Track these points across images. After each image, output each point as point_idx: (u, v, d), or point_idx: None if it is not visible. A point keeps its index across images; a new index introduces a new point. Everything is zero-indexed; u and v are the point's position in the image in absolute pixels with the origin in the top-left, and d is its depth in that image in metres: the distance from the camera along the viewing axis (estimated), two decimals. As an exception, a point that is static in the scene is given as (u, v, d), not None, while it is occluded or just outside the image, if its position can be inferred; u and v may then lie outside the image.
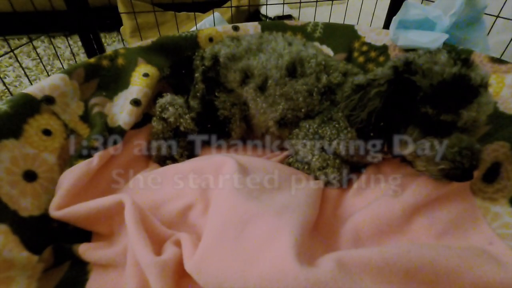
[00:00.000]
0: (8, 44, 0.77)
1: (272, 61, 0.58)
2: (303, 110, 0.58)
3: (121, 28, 1.36)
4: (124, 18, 1.31)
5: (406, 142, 0.45)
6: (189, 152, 0.65)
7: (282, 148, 0.66)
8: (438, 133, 0.43)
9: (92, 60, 0.66)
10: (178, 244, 0.41)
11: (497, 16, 0.73)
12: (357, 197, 0.52)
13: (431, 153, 0.43)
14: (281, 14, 1.12)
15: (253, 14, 1.26)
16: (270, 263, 0.32)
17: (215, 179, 0.50)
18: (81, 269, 0.43)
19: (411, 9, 0.72)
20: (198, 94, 0.62)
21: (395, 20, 0.73)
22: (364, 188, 0.53)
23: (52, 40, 1.43)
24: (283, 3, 1.05)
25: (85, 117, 0.60)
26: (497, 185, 0.49)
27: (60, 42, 1.43)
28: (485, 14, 0.73)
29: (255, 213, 0.39)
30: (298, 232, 0.36)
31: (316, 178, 0.57)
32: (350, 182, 0.57)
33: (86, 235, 0.48)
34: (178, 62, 0.67)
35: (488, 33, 0.75)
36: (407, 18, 0.73)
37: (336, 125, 0.56)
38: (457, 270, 0.36)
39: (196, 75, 0.63)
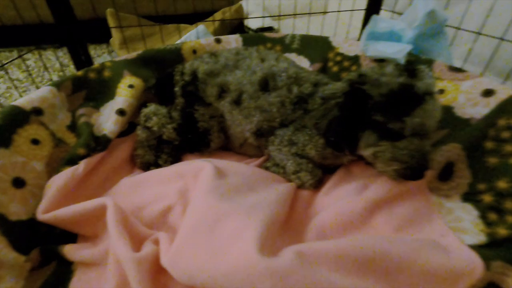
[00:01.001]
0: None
1: (247, 77, 0.62)
2: (277, 120, 0.62)
3: (111, 39, 1.41)
4: (113, 30, 1.35)
5: (365, 146, 0.49)
6: (173, 159, 0.68)
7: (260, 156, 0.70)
8: (392, 137, 0.47)
9: (80, 73, 0.69)
10: (156, 242, 0.45)
11: (458, 28, 0.79)
12: (327, 196, 0.57)
13: (385, 155, 0.48)
14: (263, 26, 1.17)
15: (238, 26, 1.31)
16: (235, 256, 0.36)
17: (194, 182, 0.53)
18: (66, 268, 0.46)
19: (379, 23, 0.78)
20: (178, 107, 0.66)
21: (365, 32, 0.78)
22: (333, 188, 0.58)
23: (43, 52, 1.46)
24: (263, 16, 1.11)
25: (72, 127, 0.64)
26: (451, 183, 0.54)
27: (50, 54, 1.46)
28: (447, 26, 0.79)
29: (226, 212, 0.43)
30: (263, 228, 0.40)
31: (291, 181, 0.61)
32: (323, 183, 0.61)
33: (72, 238, 0.52)
34: (161, 79, 0.71)
35: (451, 44, 0.81)
36: (376, 30, 0.79)
37: (309, 132, 0.60)
38: (407, 259, 0.40)
39: (176, 89, 0.68)
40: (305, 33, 0.90)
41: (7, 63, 1.22)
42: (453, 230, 0.48)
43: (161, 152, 0.67)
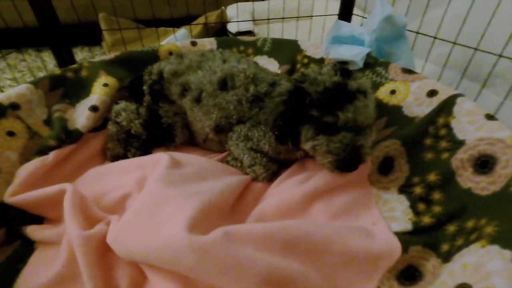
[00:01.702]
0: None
1: (207, 77, 0.67)
2: (234, 117, 0.67)
3: (103, 42, 1.47)
4: (105, 33, 1.42)
5: (305, 140, 0.54)
6: (142, 152, 0.73)
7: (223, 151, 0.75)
8: (328, 131, 0.52)
9: (58, 72, 0.75)
10: (109, 224, 0.49)
11: (417, 33, 0.83)
12: (277, 188, 0.61)
13: (322, 148, 0.52)
14: (241, 30, 1.23)
15: (221, 31, 1.37)
16: (166, 234, 0.41)
17: (152, 172, 0.58)
18: (29, 246, 0.51)
19: (342, 27, 0.82)
20: (145, 104, 0.72)
21: (328, 36, 0.83)
22: (284, 180, 0.62)
23: (36, 53, 1.53)
24: (239, 21, 1.16)
25: (48, 121, 0.69)
26: (391, 176, 0.58)
27: (46, 56, 1.54)
28: (408, 30, 0.83)
29: (169, 197, 0.47)
30: (198, 212, 0.44)
31: (247, 174, 0.65)
32: (278, 176, 0.65)
33: (40, 221, 0.57)
34: (134, 80, 0.77)
35: (412, 48, 0.85)
36: (340, 34, 0.83)
37: (263, 128, 0.65)
38: (329, 241, 0.44)
39: (144, 87, 0.73)
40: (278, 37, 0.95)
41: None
42: (386, 219, 0.52)
43: (130, 146, 0.72)
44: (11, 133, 0.62)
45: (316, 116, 0.51)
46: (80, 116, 0.70)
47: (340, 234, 0.45)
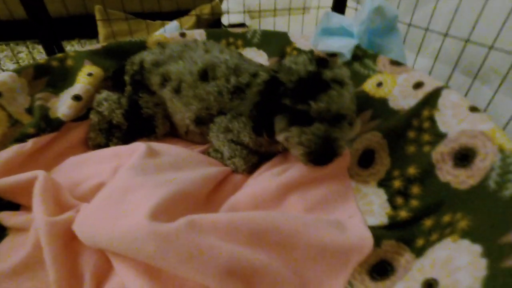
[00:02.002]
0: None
1: (187, 67, 0.66)
2: (215, 108, 0.66)
3: (99, 35, 1.47)
4: (100, 26, 1.42)
5: (278, 131, 0.53)
6: (123, 143, 0.72)
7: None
8: (301, 123, 0.50)
9: (42, 61, 0.75)
10: (79, 212, 0.49)
11: (409, 25, 0.81)
12: (255, 179, 0.60)
13: (294, 140, 0.50)
14: (233, 23, 1.21)
15: (215, 23, 1.36)
16: (128, 221, 0.40)
17: (128, 160, 0.57)
18: (1, 232, 0.50)
19: (332, 19, 0.80)
20: (126, 94, 0.71)
21: (317, 27, 0.81)
22: (262, 173, 0.61)
23: (33, 45, 1.54)
24: (229, 13, 1.14)
25: (31, 110, 0.69)
26: (371, 169, 0.56)
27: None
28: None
29: (137, 185, 0.46)
30: (164, 200, 0.43)
31: (227, 165, 0.64)
32: (259, 169, 0.64)
33: (17, 208, 0.56)
34: (117, 70, 0.76)
35: (404, 41, 0.83)
36: (329, 26, 0.81)
37: (244, 120, 0.63)
38: (298, 233, 0.43)
39: (126, 77, 0.72)
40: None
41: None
42: (363, 212, 0.51)
43: (112, 136, 0.71)
44: (-9, 120, 0.62)
45: (289, 106, 0.49)
46: (63, 105, 0.70)
47: (311, 227, 0.44)
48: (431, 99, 0.57)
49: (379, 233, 0.45)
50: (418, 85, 0.61)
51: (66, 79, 0.76)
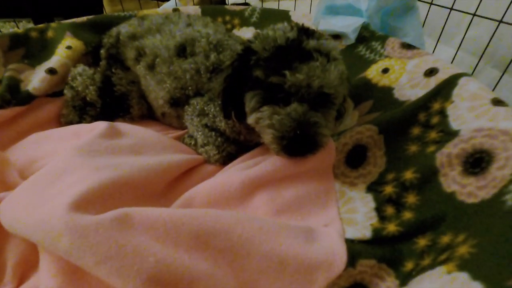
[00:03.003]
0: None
1: (164, 41, 0.59)
2: (190, 88, 0.58)
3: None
4: (106, 5, 1.38)
5: (249, 111, 0.44)
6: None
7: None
8: (276, 101, 0.41)
9: (20, 31, 0.71)
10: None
11: (431, 4, 0.68)
12: (225, 172, 0.52)
13: (265, 122, 0.42)
14: (237, 2, 1.13)
15: (221, 3, 1.27)
16: (47, 210, 0.34)
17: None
18: None
19: (338, -5, 0.70)
20: (99, 69, 0.65)
21: (320, 4, 0.71)
22: (235, 165, 0.53)
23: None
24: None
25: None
26: (361, 170, 0.47)
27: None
28: (420, 1, 0.69)
29: (74, 166, 0.40)
30: (98, 186, 0.37)
31: (200, 154, 0.57)
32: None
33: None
34: (97, 46, 0.70)
35: (423, 23, 0.71)
36: (334, 3, 0.71)
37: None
38: (253, 240, 0.35)
39: (102, 51, 0.66)
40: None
41: None
42: (343, 221, 0.42)
43: (86, 114, 0.66)
44: (-44, 89, 0.58)
45: (261, 79, 0.41)
46: (35, 78, 0.65)
47: (270, 234, 0.36)
48: (445, 88, 0.46)
49: (357, 248, 0.36)
50: (430, 72, 0.50)
51: (44, 51, 0.71)
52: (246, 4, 1.06)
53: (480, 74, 0.87)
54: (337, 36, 0.70)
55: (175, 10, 0.85)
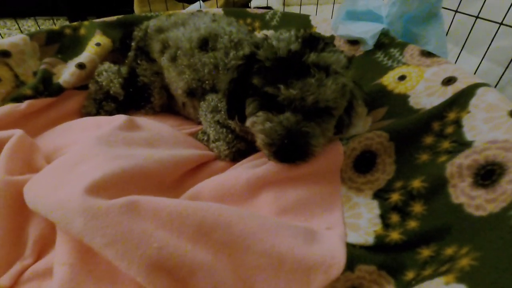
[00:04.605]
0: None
1: (187, 34, 0.62)
2: (207, 82, 0.60)
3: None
4: (136, 6, 1.45)
5: (248, 115, 0.46)
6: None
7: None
8: (272, 109, 0.43)
9: (56, 27, 0.76)
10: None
11: (456, 11, 0.66)
12: (233, 170, 0.53)
13: (258, 127, 0.43)
14: (259, 6, 1.14)
15: (244, 6, 1.29)
16: (66, 192, 0.36)
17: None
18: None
19: (358, 0, 0.69)
20: (127, 61, 0.69)
21: (340, 9, 0.71)
22: (245, 163, 0.54)
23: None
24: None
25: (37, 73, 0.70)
26: (370, 176, 0.46)
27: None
28: (444, 8, 0.67)
29: (93, 155, 0.43)
30: (111, 175, 0.39)
31: (212, 150, 0.59)
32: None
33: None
34: (125, 35, 0.75)
35: (447, 30, 0.69)
36: (355, 9, 0.70)
37: None
38: (253, 236, 0.36)
39: (132, 44, 0.71)
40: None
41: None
42: (347, 226, 0.41)
43: (102, 109, 0.70)
44: (-3, 78, 0.64)
45: (258, 87, 0.42)
46: (66, 71, 0.70)
47: (270, 231, 0.36)
48: (462, 98, 0.45)
49: (357, 253, 0.36)
50: (448, 81, 0.49)
51: (76, 47, 0.77)
52: (268, 8, 1.08)
53: (509, 86, 0.83)
54: (355, 42, 0.70)
55: (198, 11, 0.88)
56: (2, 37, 0.82)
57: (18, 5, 1.23)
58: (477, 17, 0.62)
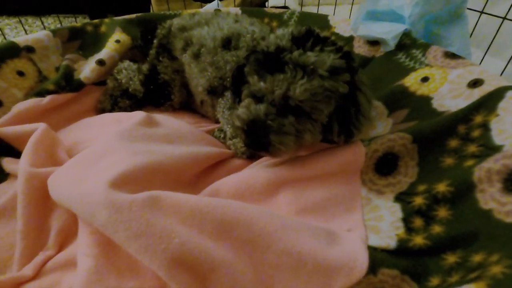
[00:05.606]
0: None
1: (211, 33, 0.63)
2: (228, 79, 0.61)
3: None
4: (154, 4, 1.47)
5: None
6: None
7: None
8: (257, 99, 0.45)
9: (78, 24, 0.78)
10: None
11: (482, 12, 0.64)
12: (251, 168, 0.53)
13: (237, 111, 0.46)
14: (276, 5, 1.14)
15: (260, 5, 1.29)
16: (89, 185, 0.37)
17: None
18: (3, 175, 0.53)
19: (380, 0, 0.68)
20: (148, 58, 0.70)
21: (361, 9, 0.70)
22: (263, 161, 0.54)
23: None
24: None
25: (59, 69, 0.72)
26: (391, 179, 0.46)
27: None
28: (469, 9, 0.65)
29: (116, 149, 0.43)
30: (135, 170, 0.39)
31: (228, 148, 0.59)
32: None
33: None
34: (146, 30, 0.76)
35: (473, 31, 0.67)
36: (376, 9, 0.69)
37: None
38: (275, 235, 0.36)
39: (155, 41, 0.72)
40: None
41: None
42: (367, 228, 0.41)
43: (116, 105, 0.71)
44: (21, 73, 0.66)
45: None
46: (87, 68, 0.72)
47: (291, 231, 0.36)
48: (490, 101, 0.44)
49: (380, 256, 0.35)
50: (475, 83, 0.47)
51: (97, 44, 0.78)
52: (285, 7, 1.07)
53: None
54: (375, 42, 0.69)
55: (217, 11, 0.89)
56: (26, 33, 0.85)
57: (41, 2, 1.27)
58: (504, 18, 0.60)
